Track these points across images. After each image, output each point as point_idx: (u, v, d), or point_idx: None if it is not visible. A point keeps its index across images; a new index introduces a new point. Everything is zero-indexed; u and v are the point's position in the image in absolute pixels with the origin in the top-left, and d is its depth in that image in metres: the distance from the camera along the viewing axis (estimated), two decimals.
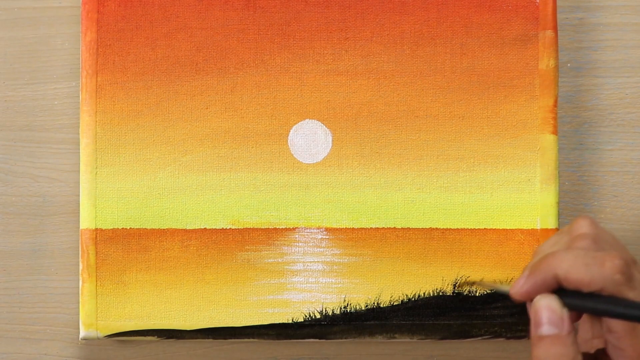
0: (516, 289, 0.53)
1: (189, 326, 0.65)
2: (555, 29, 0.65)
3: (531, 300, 0.52)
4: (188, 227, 0.65)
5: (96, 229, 0.65)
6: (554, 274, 0.51)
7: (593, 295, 0.51)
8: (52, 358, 0.68)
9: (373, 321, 0.65)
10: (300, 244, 0.65)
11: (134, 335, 0.65)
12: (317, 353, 0.68)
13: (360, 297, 0.65)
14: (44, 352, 0.68)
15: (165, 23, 0.65)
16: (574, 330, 0.52)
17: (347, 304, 0.65)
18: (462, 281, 0.65)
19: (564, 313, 0.51)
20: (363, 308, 0.65)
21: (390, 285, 0.65)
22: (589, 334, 0.56)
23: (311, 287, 0.65)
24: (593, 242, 0.53)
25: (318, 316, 0.65)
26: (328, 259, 0.65)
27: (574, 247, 0.53)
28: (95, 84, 0.65)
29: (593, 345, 0.56)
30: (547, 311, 0.51)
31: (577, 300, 0.51)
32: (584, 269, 0.50)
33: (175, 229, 0.65)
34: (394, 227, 0.65)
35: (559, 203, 0.65)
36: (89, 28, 0.65)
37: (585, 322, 0.57)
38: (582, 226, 0.54)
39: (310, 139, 0.65)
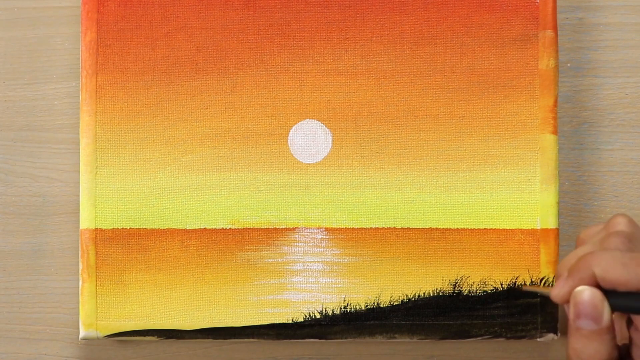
0: (557, 292, 0.54)
1: (189, 326, 0.65)
2: (555, 28, 0.65)
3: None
4: (188, 227, 0.65)
5: (96, 229, 0.65)
6: (592, 273, 0.52)
7: (629, 295, 0.51)
8: (52, 358, 0.68)
9: (373, 321, 0.65)
10: (300, 244, 0.65)
11: (133, 335, 0.65)
12: (317, 353, 0.68)
13: (360, 297, 0.65)
14: (44, 352, 0.68)
15: (165, 23, 0.65)
16: (613, 326, 0.52)
17: (347, 304, 0.65)
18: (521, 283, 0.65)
19: (605, 308, 0.52)
20: (363, 308, 0.65)
21: (390, 285, 0.65)
22: (616, 332, 0.56)
23: (311, 287, 0.65)
24: (628, 240, 0.54)
25: (318, 316, 0.65)
26: (328, 259, 0.65)
27: (609, 245, 0.53)
28: (95, 84, 0.65)
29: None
30: (588, 305, 0.52)
31: (613, 300, 0.52)
32: (621, 269, 0.51)
33: (175, 229, 0.65)
34: (394, 227, 0.65)
35: (559, 203, 0.65)
36: (89, 28, 0.65)
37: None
38: (619, 223, 0.55)
39: (310, 139, 0.65)
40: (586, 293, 0.52)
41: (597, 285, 0.52)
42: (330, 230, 0.65)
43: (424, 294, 0.65)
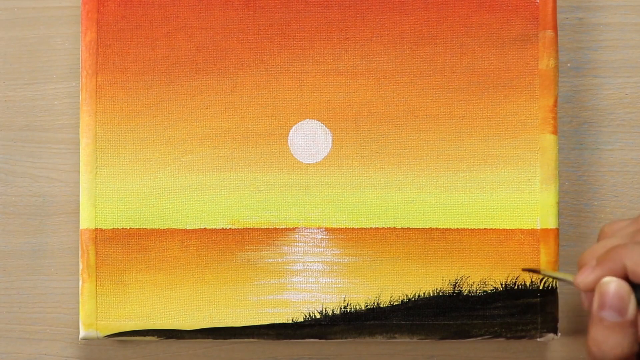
0: (582, 279, 0.53)
1: (189, 326, 0.65)
2: (555, 29, 0.65)
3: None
4: (188, 227, 0.65)
5: (96, 229, 0.65)
6: (622, 265, 0.51)
7: None
8: (52, 358, 0.68)
9: (373, 321, 0.65)
10: (300, 244, 0.65)
11: (134, 335, 0.65)
12: (317, 353, 0.68)
13: (360, 297, 0.65)
14: (44, 352, 0.68)
15: (165, 23, 0.65)
16: (636, 321, 0.51)
17: (347, 304, 0.65)
18: (524, 268, 0.64)
19: (631, 302, 0.51)
20: (363, 308, 0.65)
21: (390, 285, 0.65)
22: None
23: (311, 287, 0.65)
24: None
25: (318, 316, 0.65)
26: (328, 259, 0.65)
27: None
28: (95, 84, 0.65)
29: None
30: (615, 296, 0.51)
31: None
32: None
33: (175, 229, 0.65)
34: (394, 227, 0.65)
35: (559, 203, 0.65)
36: (89, 28, 0.65)
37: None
38: None
39: (310, 139, 0.65)
40: (613, 284, 0.51)
41: (626, 278, 0.52)
42: (330, 230, 0.65)
43: (424, 294, 0.65)
